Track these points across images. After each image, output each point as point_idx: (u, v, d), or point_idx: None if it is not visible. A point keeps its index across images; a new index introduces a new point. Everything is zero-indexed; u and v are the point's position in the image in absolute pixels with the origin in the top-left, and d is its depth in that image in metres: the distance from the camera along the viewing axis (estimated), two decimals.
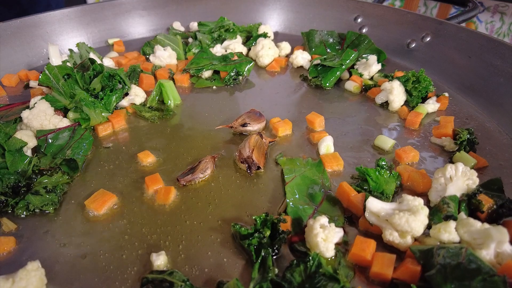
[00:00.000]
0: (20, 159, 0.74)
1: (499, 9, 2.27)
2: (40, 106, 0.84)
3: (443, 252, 0.48)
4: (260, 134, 0.77)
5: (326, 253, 0.53)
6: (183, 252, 0.56)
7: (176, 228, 0.60)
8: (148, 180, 0.68)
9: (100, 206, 0.64)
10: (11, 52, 1.12)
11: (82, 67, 0.96)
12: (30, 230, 0.62)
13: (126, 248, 0.57)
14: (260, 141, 0.75)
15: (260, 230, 0.55)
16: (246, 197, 0.66)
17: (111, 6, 1.32)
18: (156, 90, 0.94)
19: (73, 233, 0.60)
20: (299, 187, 0.67)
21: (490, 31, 2.38)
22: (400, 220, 0.53)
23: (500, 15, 2.28)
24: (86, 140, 0.82)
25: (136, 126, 0.89)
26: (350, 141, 0.81)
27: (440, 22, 1.02)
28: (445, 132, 0.77)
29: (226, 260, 0.55)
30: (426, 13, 2.70)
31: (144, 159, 0.75)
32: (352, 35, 1.12)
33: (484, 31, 2.42)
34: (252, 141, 0.73)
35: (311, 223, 0.55)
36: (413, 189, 0.67)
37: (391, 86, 0.88)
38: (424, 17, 1.07)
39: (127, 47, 1.28)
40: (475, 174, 0.62)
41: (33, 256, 0.57)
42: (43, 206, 0.66)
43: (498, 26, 2.32)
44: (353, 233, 0.59)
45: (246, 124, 0.82)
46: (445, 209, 0.56)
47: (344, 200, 0.63)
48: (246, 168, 0.71)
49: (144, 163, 0.75)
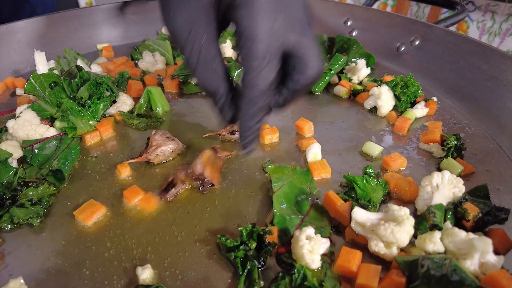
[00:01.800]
0: (5, 171, 0.73)
1: (490, 8, 2.28)
2: (26, 115, 0.83)
3: (427, 263, 0.48)
4: (215, 149, 0.74)
5: (312, 265, 0.53)
6: (169, 265, 0.56)
7: (162, 239, 0.60)
8: (127, 193, 0.67)
9: (88, 217, 0.63)
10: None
11: (69, 75, 0.95)
12: (14, 244, 0.61)
13: (112, 261, 0.57)
14: (214, 156, 0.73)
15: (246, 242, 0.55)
16: (234, 207, 0.66)
17: (99, 10, 1.30)
18: (144, 97, 0.93)
19: (58, 246, 0.60)
20: (287, 196, 0.66)
21: (482, 30, 2.40)
22: (386, 231, 0.53)
23: (492, 14, 2.29)
24: (73, 149, 0.81)
25: (124, 133, 0.88)
26: (338, 147, 0.80)
27: (428, 26, 1.02)
28: (433, 138, 0.78)
29: (212, 273, 0.55)
30: (418, 12, 2.71)
31: (123, 172, 0.73)
32: (341, 39, 1.12)
33: (476, 30, 2.44)
34: (204, 157, 0.70)
35: (297, 234, 0.55)
36: (400, 197, 0.67)
37: (379, 91, 0.88)
38: (413, 20, 1.08)
39: (116, 52, 1.27)
40: (461, 182, 0.62)
41: (17, 272, 0.56)
42: (28, 219, 0.65)
43: (489, 25, 2.34)
44: (340, 243, 0.59)
45: (234, 132, 0.81)
46: (431, 218, 0.56)
47: (331, 209, 0.63)
48: (199, 186, 0.68)
49: (122, 176, 0.73)
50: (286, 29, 0.51)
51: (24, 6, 1.53)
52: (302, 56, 0.54)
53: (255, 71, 0.51)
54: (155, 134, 0.77)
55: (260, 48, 0.50)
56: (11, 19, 1.45)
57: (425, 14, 2.72)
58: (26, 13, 1.54)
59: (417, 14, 2.77)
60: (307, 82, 0.56)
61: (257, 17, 0.49)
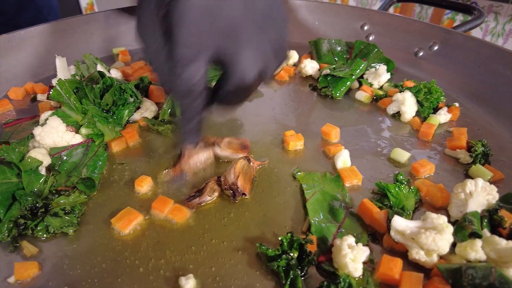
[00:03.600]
0: (35, 179, 0.73)
1: (493, 9, 2.30)
2: (52, 122, 0.83)
3: (472, 271, 0.49)
4: (248, 159, 0.75)
5: (355, 273, 0.53)
6: (211, 274, 0.56)
7: (199, 249, 0.60)
8: (156, 204, 0.67)
9: (126, 225, 0.63)
10: (15, 64, 1.10)
11: (90, 80, 0.95)
12: (52, 253, 0.61)
13: (152, 271, 0.57)
14: (247, 166, 0.73)
15: (287, 251, 0.55)
16: (268, 215, 0.66)
17: (114, 14, 1.30)
18: (168, 103, 0.94)
19: (95, 255, 0.60)
20: (320, 203, 0.67)
21: (485, 31, 2.42)
22: (427, 239, 0.53)
23: (495, 15, 2.31)
24: (101, 156, 0.81)
25: (149, 140, 0.88)
26: (365, 153, 0.81)
27: (448, 31, 1.03)
28: (459, 145, 0.78)
29: (255, 281, 0.55)
30: (421, 13, 2.73)
31: (144, 184, 0.72)
32: (360, 44, 1.13)
33: (479, 31, 2.46)
34: (238, 166, 0.71)
35: (339, 243, 0.55)
36: (432, 204, 0.68)
37: (403, 97, 0.89)
38: (431, 25, 1.08)
39: (132, 57, 1.27)
40: (494, 189, 0.63)
41: (58, 281, 0.56)
42: (62, 227, 0.65)
43: (492, 26, 2.36)
44: (377, 250, 0.60)
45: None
46: (469, 226, 0.57)
47: (366, 217, 0.64)
48: (231, 195, 0.69)
49: (144, 191, 0.72)
50: (211, 35, 0.54)
51: (29, 6, 1.53)
52: (228, 63, 0.57)
53: (177, 73, 0.55)
54: (187, 145, 0.77)
55: (180, 52, 0.54)
56: (16, 19, 1.44)
57: (428, 15, 2.74)
58: (30, 14, 1.52)
59: (420, 15, 2.78)
60: (232, 89, 0.59)
61: (181, 23, 0.52)
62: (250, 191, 0.71)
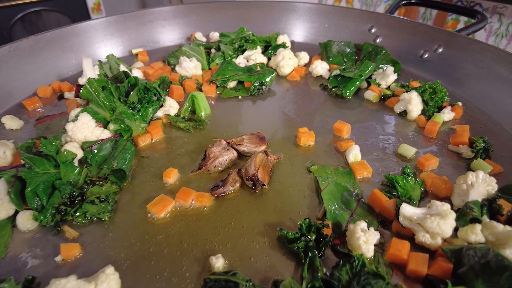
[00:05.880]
0: (70, 170, 0.79)
1: (497, 10, 2.34)
2: (83, 119, 0.90)
3: (471, 252, 0.55)
4: (266, 153, 0.81)
5: (367, 254, 0.59)
6: (237, 255, 0.63)
7: (226, 232, 0.67)
8: (180, 195, 0.72)
9: (161, 210, 0.70)
10: (43, 64, 1.17)
11: (115, 79, 1.02)
12: (91, 237, 0.68)
13: (184, 251, 0.63)
14: (266, 159, 0.80)
15: (306, 234, 0.61)
16: (285, 204, 0.73)
17: (133, 16, 1.37)
18: (189, 102, 1.00)
19: (131, 238, 0.66)
20: (334, 194, 0.73)
21: (489, 32, 2.46)
22: (432, 223, 0.60)
23: (499, 16, 2.35)
24: (129, 150, 0.87)
25: (171, 136, 0.94)
26: (374, 149, 0.87)
27: (452, 35, 1.08)
28: (462, 141, 0.84)
29: (277, 261, 0.61)
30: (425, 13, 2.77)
31: (172, 176, 0.78)
32: (368, 46, 1.19)
33: (483, 32, 2.50)
34: (258, 159, 0.78)
35: (352, 228, 0.62)
36: (436, 194, 0.74)
37: (409, 97, 0.94)
38: (436, 28, 1.14)
39: (150, 57, 1.34)
40: (494, 180, 0.69)
41: (101, 261, 0.62)
42: (99, 214, 0.71)
43: (496, 27, 2.40)
44: (386, 235, 0.66)
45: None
46: (470, 213, 0.63)
47: (376, 205, 0.70)
48: (251, 186, 0.75)
49: (171, 181, 0.78)
50: None
51: None
52: None
53: None
54: (212, 147, 0.83)
55: None
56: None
57: (432, 16, 2.78)
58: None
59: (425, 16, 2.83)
60: None
61: None
62: (269, 182, 0.78)
